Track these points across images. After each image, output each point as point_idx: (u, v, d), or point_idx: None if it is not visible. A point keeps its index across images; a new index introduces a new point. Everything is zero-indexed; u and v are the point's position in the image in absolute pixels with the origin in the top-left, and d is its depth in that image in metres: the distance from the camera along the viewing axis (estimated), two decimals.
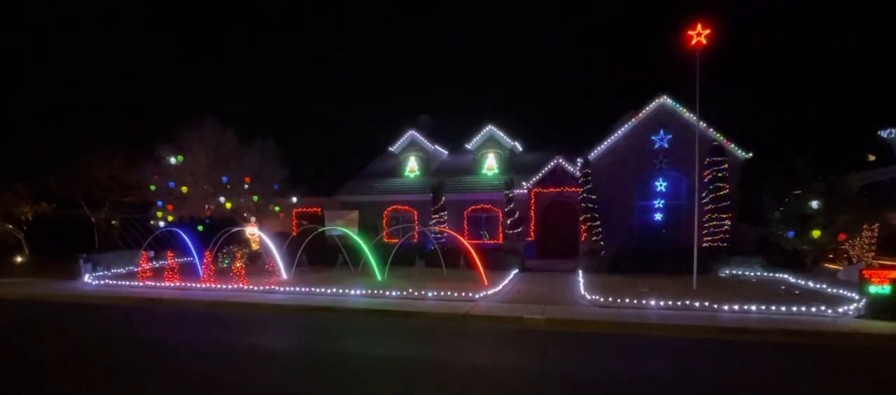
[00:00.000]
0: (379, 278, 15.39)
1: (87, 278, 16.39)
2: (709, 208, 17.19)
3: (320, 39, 74.67)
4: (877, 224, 16.08)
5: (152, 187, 21.86)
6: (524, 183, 21.91)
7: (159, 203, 21.98)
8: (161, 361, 7.80)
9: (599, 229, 18.71)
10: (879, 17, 50.71)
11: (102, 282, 15.99)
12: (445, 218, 21.20)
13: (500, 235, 22.64)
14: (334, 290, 13.40)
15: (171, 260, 16.09)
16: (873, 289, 9.66)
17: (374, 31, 75.16)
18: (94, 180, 25.55)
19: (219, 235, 17.49)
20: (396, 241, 18.55)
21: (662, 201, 19.28)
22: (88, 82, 59.61)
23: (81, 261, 17.37)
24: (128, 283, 15.70)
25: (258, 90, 60.33)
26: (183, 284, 15.12)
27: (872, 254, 15.62)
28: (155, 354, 8.25)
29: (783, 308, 10.27)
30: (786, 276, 14.59)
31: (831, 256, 17.70)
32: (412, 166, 26.21)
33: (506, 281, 14.90)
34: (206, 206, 22.47)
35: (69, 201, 23.99)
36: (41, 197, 23.88)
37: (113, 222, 25.44)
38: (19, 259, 23.31)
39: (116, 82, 61.33)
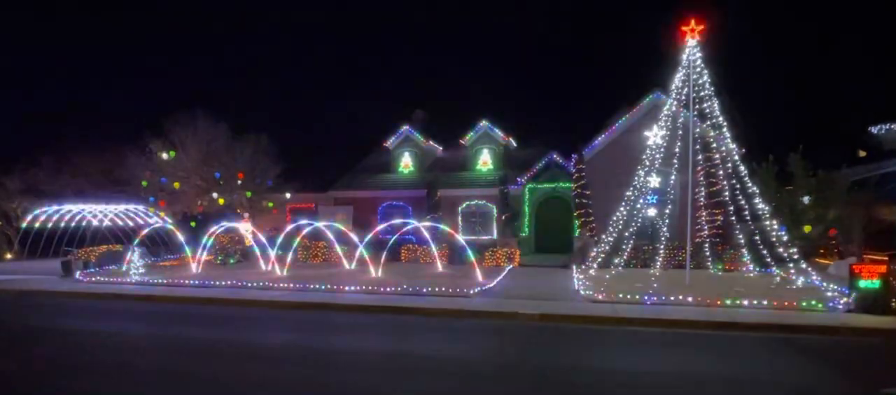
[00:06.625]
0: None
1: (77, 274, 16.22)
2: (701, 203, 17.30)
3: (314, 34, 74.19)
4: (867, 220, 16.25)
5: (144, 184, 21.68)
6: (518, 178, 21.92)
7: (151, 199, 21.80)
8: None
9: (593, 225, 18.78)
10: (870, 13, 51.16)
11: (93, 279, 15.79)
12: (440, 214, 21.18)
13: (495, 230, 22.66)
14: (328, 287, 13.35)
15: (163, 256, 15.95)
16: (863, 283, 9.76)
17: (369, 26, 74.80)
18: (84, 175, 25.27)
19: (211, 231, 17.37)
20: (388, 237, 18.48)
21: (656, 197, 19.36)
22: (77, 76, 58.87)
23: (72, 257, 17.19)
24: (118, 280, 15.52)
25: (250, 84, 59.89)
26: (175, 280, 14.95)
27: (862, 249, 15.80)
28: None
29: (774, 303, 10.36)
30: (777, 271, 14.73)
31: (822, 251, 17.88)
32: (406, 162, 26.15)
33: (500, 277, 14.94)
34: (199, 201, 22.32)
35: (59, 197, 23.70)
36: (31, 193, 23.58)
37: (104, 218, 25.22)
38: (9, 256, 23.05)
39: (106, 75, 60.63)
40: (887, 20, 47.18)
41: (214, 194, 21.89)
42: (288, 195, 24.55)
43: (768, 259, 14.15)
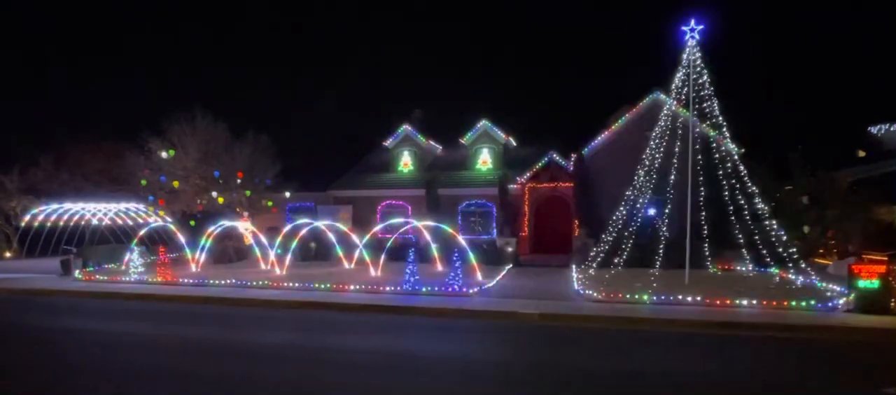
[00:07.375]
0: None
1: (77, 273, 16.19)
2: (701, 203, 17.28)
3: (314, 33, 74.14)
4: (866, 219, 16.26)
5: (143, 182, 21.64)
6: (518, 178, 21.91)
7: (151, 198, 21.77)
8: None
9: (593, 224, 18.78)
10: (870, 13, 51.18)
11: (92, 278, 15.77)
12: (440, 211, 21.18)
13: (495, 229, 22.65)
14: (327, 286, 13.34)
15: (162, 255, 15.89)
16: (862, 283, 9.77)
17: (368, 24, 74.75)
18: (82, 174, 25.23)
19: (211, 230, 17.35)
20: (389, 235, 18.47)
21: (655, 197, 19.36)
22: (76, 74, 58.85)
23: (71, 256, 17.17)
24: (118, 278, 15.50)
25: (250, 84, 59.87)
26: (174, 279, 14.92)
27: (861, 249, 15.79)
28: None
29: (773, 303, 10.36)
30: (776, 271, 14.73)
31: (821, 250, 17.89)
32: (406, 161, 26.13)
33: (500, 276, 14.94)
34: (198, 201, 22.28)
35: (58, 196, 23.68)
36: (30, 192, 23.56)
37: (103, 217, 25.20)
38: (8, 255, 23.03)
39: (105, 74, 60.56)
40: (888, 20, 47.21)
41: (214, 193, 21.84)
42: (287, 194, 24.51)
43: (767, 259, 14.16)
